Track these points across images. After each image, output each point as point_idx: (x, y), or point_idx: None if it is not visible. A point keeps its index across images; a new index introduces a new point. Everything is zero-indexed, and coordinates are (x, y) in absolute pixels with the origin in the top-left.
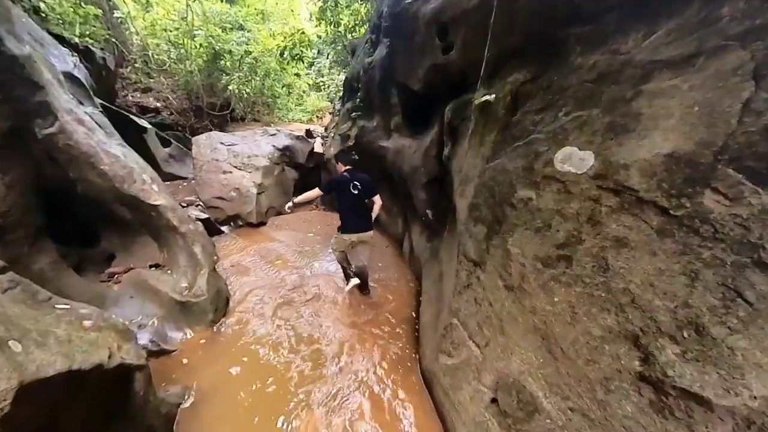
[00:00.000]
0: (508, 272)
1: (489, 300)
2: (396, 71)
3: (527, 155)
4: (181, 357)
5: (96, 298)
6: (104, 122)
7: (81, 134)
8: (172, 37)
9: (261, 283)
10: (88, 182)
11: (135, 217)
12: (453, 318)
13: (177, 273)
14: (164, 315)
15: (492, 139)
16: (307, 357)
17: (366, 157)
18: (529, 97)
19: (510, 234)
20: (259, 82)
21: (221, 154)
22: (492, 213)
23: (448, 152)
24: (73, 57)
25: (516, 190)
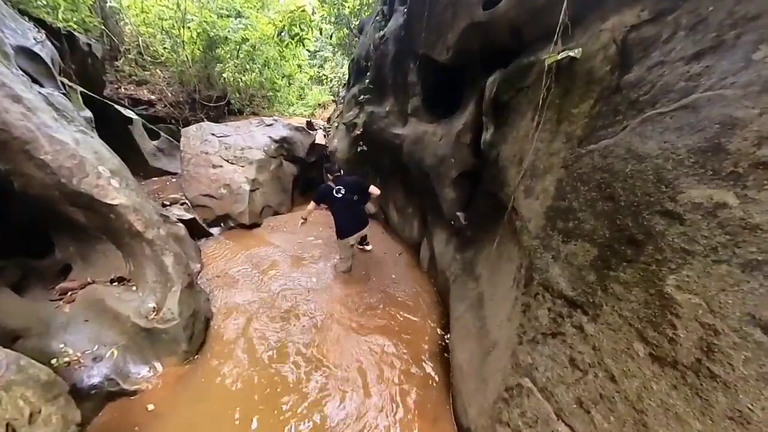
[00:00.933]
0: (665, 334)
1: (609, 370)
2: (415, 41)
3: (697, 127)
4: (146, 400)
5: (39, 323)
6: (63, 105)
7: (14, 114)
8: (166, 25)
9: (251, 300)
10: (26, 176)
11: (89, 220)
12: (524, 378)
13: (143, 290)
14: (126, 344)
15: (584, 110)
16: (304, 405)
17: (375, 148)
18: (652, 44)
19: (671, 267)
20: (258, 72)
21: (212, 146)
22: (611, 225)
23: (491, 137)
24: (39, 34)
25: (678, 188)
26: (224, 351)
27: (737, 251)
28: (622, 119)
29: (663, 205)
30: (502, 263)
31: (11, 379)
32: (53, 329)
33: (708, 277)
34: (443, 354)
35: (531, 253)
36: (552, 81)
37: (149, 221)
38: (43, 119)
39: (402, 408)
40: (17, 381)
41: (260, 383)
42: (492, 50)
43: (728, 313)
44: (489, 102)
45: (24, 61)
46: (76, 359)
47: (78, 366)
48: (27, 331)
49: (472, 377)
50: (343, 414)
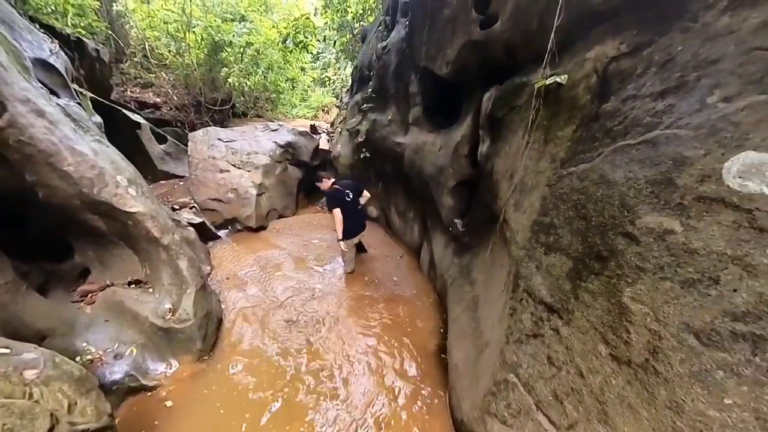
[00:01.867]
0: (621, 338)
1: (579, 367)
2: (416, 54)
3: (655, 161)
4: (164, 397)
5: (63, 324)
6: (80, 116)
7: (39, 128)
8: (172, 29)
9: (259, 300)
10: (49, 186)
11: (109, 227)
12: (510, 374)
13: (159, 292)
14: (144, 343)
15: (568, 134)
16: (313, 397)
17: (378, 155)
18: (628, 76)
19: (626, 280)
20: (262, 75)
21: (219, 151)
22: (583, 242)
23: (486, 150)
24: (52, 44)
25: (636, 214)
26: (236, 349)
27: (679, 270)
28: (598, 146)
29: (624, 228)
30: (495, 269)
31: (49, 374)
32: (76, 329)
33: (656, 291)
34: (441, 353)
35: (518, 262)
36: (541, 103)
37: (165, 227)
38: (64, 132)
39: (401, 402)
40: (54, 376)
41: (270, 380)
42: (489, 67)
43: (669, 322)
44: (485, 117)
45: (41, 72)
46: (99, 357)
47: (100, 363)
48: (52, 330)
49: (467, 375)
50: (347, 405)
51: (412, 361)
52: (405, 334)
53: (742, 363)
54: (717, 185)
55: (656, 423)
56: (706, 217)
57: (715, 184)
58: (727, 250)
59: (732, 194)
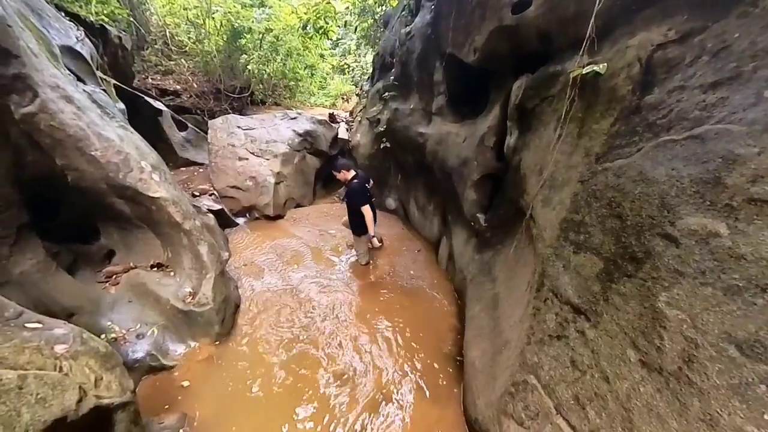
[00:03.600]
0: (653, 344)
1: (604, 372)
2: (442, 40)
3: (702, 158)
4: (182, 377)
5: (90, 302)
6: (105, 102)
7: (68, 114)
8: (192, 15)
9: (275, 288)
10: (78, 171)
11: (133, 211)
12: (530, 375)
13: (180, 276)
14: (165, 324)
15: (605, 127)
16: (325, 383)
17: (399, 145)
18: (675, 65)
19: (664, 285)
20: (280, 62)
21: (238, 138)
22: (616, 242)
23: (514, 142)
24: (78, 31)
25: (678, 215)
26: (252, 334)
27: (722, 276)
28: (638, 141)
29: (663, 229)
30: (518, 267)
31: (78, 349)
32: (102, 308)
33: (695, 296)
34: (457, 349)
35: (544, 260)
36: (576, 94)
37: (186, 213)
38: (92, 118)
39: (410, 399)
40: (82, 351)
41: (282, 365)
42: (520, 54)
43: (708, 330)
44: (514, 107)
45: (69, 59)
46: (122, 336)
47: (123, 342)
48: (80, 308)
49: (483, 374)
50: (355, 395)
51: (425, 357)
52: (420, 328)
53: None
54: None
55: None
56: (757, 220)
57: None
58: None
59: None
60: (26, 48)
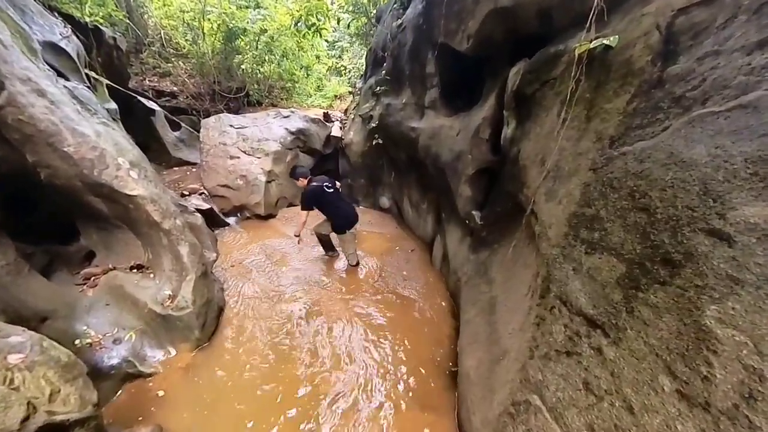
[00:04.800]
0: (698, 371)
1: (628, 400)
2: (434, 30)
3: (759, 131)
4: (158, 386)
5: (65, 306)
6: (86, 98)
7: (39, 108)
8: (188, 18)
9: (262, 290)
10: (50, 167)
11: (110, 210)
12: (533, 395)
13: (160, 278)
14: (143, 329)
15: (619, 106)
16: (309, 393)
17: (391, 142)
18: (703, 29)
19: (713, 296)
20: (276, 63)
21: (230, 137)
22: (643, 240)
23: (512, 133)
24: (64, 29)
25: (729, 204)
26: (234, 340)
27: None
28: (664, 118)
29: (709, 223)
30: (517, 268)
31: (35, 359)
32: (77, 312)
33: (759, 312)
34: (449, 356)
35: (549, 262)
36: (582, 73)
37: (166, 212)
38: (66, 112)
39: (399, 411)
40: (40, 362)
41: (266, 374)
42: (517, 38)
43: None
44: (511, 95)
45: (51, 55)
46: (98, 341)
47: (99, 347)
48: (54, 312)
49: (479, 386)
50: (340, 407)
51: (416, 362)
52: (410, 334)
53: None
54: None
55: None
56: None
57: None
58: None
59: None
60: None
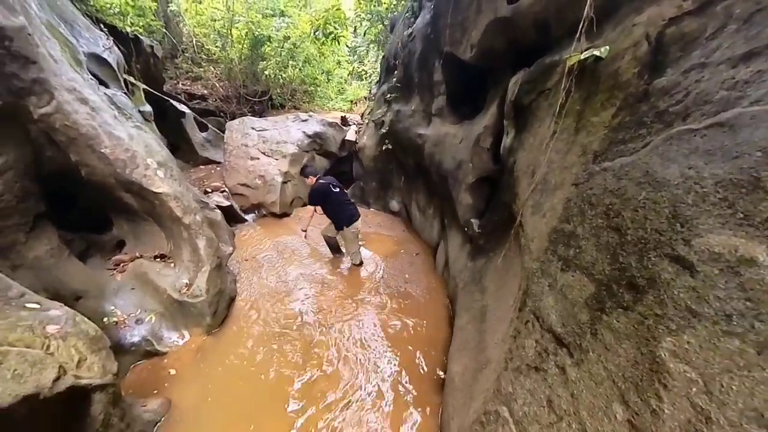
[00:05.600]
0: (648, 404)
1: (583, 424)
2: (441, 39)
3: (733, 152)
4: (171, 364)
5: (96, 288)
6: (124, 104)
7: (82, 114)
8: (218, 26)
9: (271, 285)
10: (89, 166)
11: (139, 205)
12: (502, 406)
13: (180, 267)
14: (162, 312)
15: (605, 119)
16: (309, 381)
17: (400, 147)
18: (692, 40)
19: (668, 326)
20: (298, 68)
21: (251, 139)
22: (612, 261)
23: (510, 142)
24: (107, 41)
25: (696, 230)
26: (242, 328)
27: (758, 326)
28: (646, 134)
29: (674, 249)
30: (508, 278)
31: (68, 331)
32: (107, 293)
33: (713, 350)
34: (442, 360)
35: (529, 276)
36: (572, 84)
37: (187, 208)
38: (104, 118)
39: (392, 407)
40: (72, 333)
41: (270, 360)
42: (518, 49)
43: (729, 401)
44: (510, 104)
45: (94, 65)
46: (123, 320)
47: (123, 326)
48: (87, 293)
49: (462, 392)
50: (337, 392)
51: (410, 361)
52: (407, 335)
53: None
54: None
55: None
56: None
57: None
58: None
59: None
60: (46, 55)
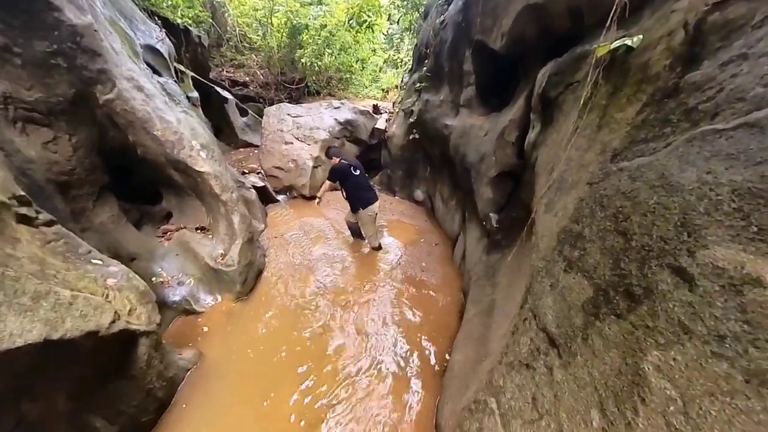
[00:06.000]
0: (624, 415)
1: (560, 425)
2: (472, 27)
3: (755, 157)
4: (204, 323)
5: (147, 251)
6: (174, 91)
7: (138, 100)
8: (259, 15)
9: (296, 262)
10: (144, 146)
11: (185, 182)
12: (491, 397)
13: (216, 239)
14: (200, 277)
15: (629, 116)
16: (322, 349)
17: (426, 138)
18: (738, 28)
19: (656, 340)
20: (333, 56)
21: (286, 125)
22: (614, 267)
23: (535, 138)
24: (160, 33)
25: (702, 242)
26: (268, 296)
27: (752, 351)
28: (670, 133)
29: (677, 259)
30: (519, 276)
31: (123, 284)
32: (155, 257)
33: (698, 370)
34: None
35: (534, 274)
36: (600, 76)
37: (225, 186)
38: (157, 104)
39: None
40: (126, 287)
41: (288, 328)
42: (550, 37)
43: (704, 427)
44: (537, 97)
45: (149, 56)
46: (167, 281)
47: (167, 285)
48: (139, 255)
49: (459, 380)
50: (349, 362)
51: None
52: (415, 319)
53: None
54: None
55: None
56: None
57: None
58: None
59: None
60: (109, 48)
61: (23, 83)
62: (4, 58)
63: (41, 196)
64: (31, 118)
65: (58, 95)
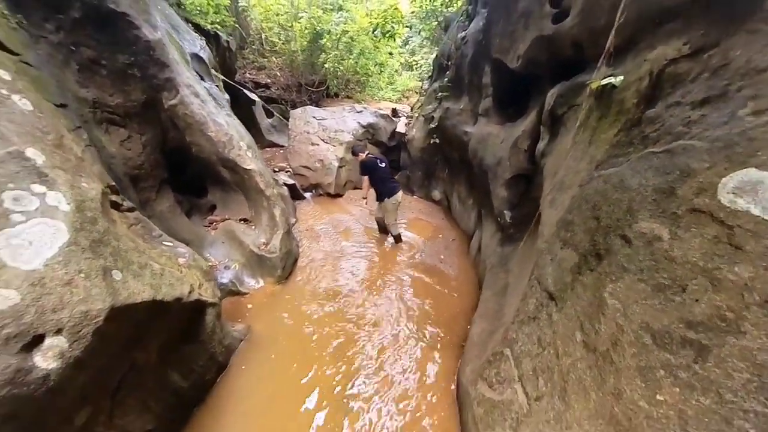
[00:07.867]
0: (594, 327)
1: (557, 349)
2: (491, 46)
3: (666, 170)
4: (249, 302)
5: (197, 238)
6: (218, 95)
7: (196, 105)
8: (282, 20)
9: (327, 251)
10: (199, 146)
11: (232, 178)
12: (506, 348)
13: (259, 229)
14: (244, 263)
15: (609, 137)
16: (353, 327)
17: (446, 142)
18: (681, 81)
19: (611, 278)
20: (353, 60)
21: (312, 127)
22: (590, 240)
23: (544, 147)
24: (201, 40)
25: (636, 219)
26: (304, 280)
27: (655, 275)
28: (631, 152)
29: (623, 230)
30: (529, 262)
31: (190, 263)
32: (204, 244)
33: (631, 290)
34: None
35: (539, 254)
36: (593, 104)
37: (269, 183)
38: (209, 108)
39: (421, 347)
40: (193, 265)
41: (322, 308)
42: (559, 62)
43: (634, 319)
44: (547, 113)
45: (195, 63)
46: (215, 265)
47: (216, 269)
48: (191, 242)
49: (478, 346)
50: (373, 340)
51: (436, 322)
52: (436, 304)
53: (682, 366)
54: (710, 199)
55: (600, 405)
56: (693, 228)
57: (708, 198)
58: (700, 261)
59: (720, 209)
60: (172, 59)
61: (107, 90)
62: (94, 70)
63: (120, 186)
64: (112, 120)
65: (133, 100)
